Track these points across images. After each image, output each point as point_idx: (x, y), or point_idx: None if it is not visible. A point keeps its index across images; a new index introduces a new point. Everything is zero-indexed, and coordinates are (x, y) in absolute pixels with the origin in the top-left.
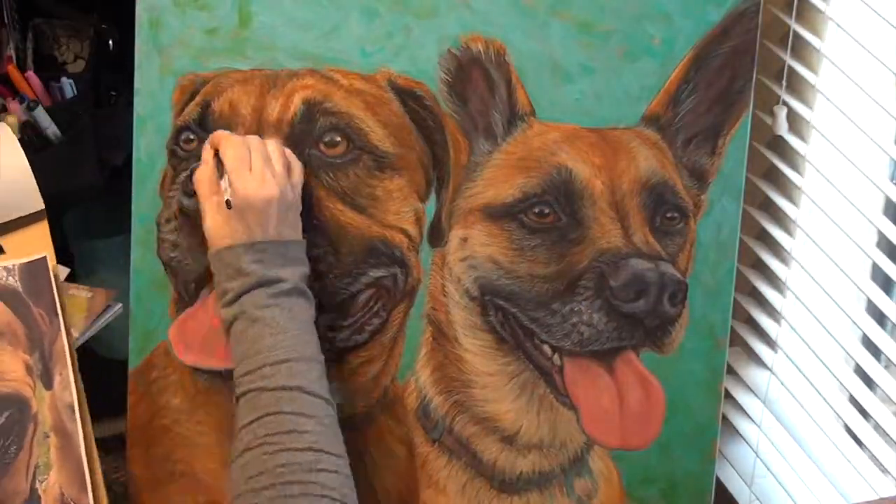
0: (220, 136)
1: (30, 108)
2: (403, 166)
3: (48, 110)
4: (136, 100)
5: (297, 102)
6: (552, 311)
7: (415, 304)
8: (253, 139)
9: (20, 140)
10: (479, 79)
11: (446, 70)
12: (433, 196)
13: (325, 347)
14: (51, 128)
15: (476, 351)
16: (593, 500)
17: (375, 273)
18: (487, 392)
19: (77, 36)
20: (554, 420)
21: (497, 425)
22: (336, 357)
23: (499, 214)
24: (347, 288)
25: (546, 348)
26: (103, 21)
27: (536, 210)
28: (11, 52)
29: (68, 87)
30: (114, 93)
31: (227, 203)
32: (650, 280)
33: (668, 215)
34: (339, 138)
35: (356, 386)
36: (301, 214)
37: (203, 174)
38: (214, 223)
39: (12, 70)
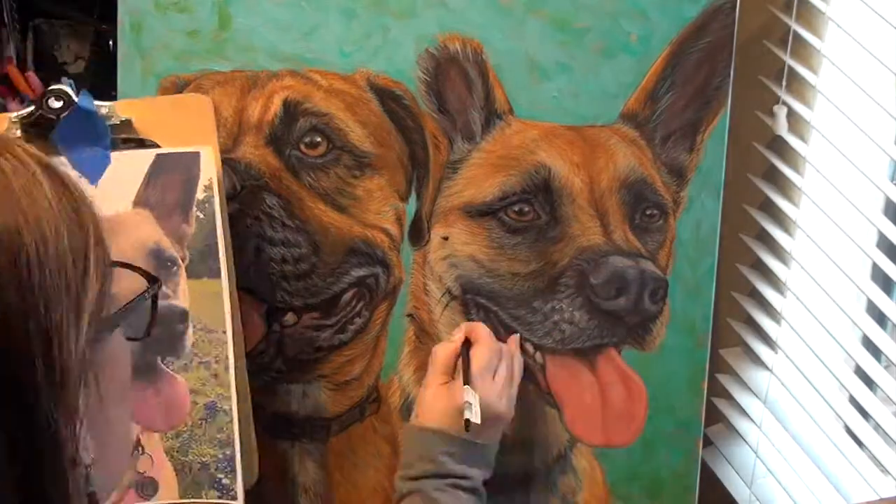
0: (480, 332)
1: None
2: (383, 166)
3: None
4: None
5: (277, 103)
6: (533, 310)
7: (397, 304)
8: (507, 350)
9: None
10: (457, 78)
11: (424, 69)
12: (413, 195)
13: (309, 347)
14: None
15: None
16: (577, 498)
17: (357, 273)
18: None
19: (77, 36)
20: (537, 418)
21: None
22: (319, 357)
23: (479, 213)
24: (330, 288)
25: (528, 346)
26: (103, 21)
27: (516, 208)
28: (11, 52)
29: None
30: (114, 93)
31: (466, 424)
32: (631, 277)
33: (648, 212)
34: (319, 139)
35: (340, 385)
36: None
37: (445, 351)
38: (430, 402)
39: (12, 70)
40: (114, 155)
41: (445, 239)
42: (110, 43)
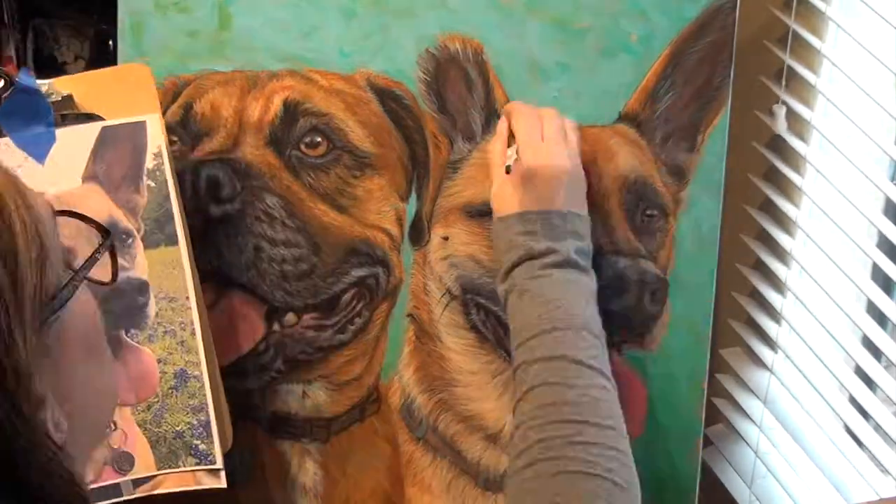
0: (513, 106)
1: None
2: (383, 166)
3: None
4: None
5: (277, 103)
6: None
7: (397, 304)
8: (548, 111)
9: None
10: (457, 78)
11: (424, 69)
12: (413, 195)
13: (309, 348)
14: None
15: (458, 349)
16: None
17: (358, 273)
18: (470, 390)
19: (77, 36)
20: None
21: (480, 423)
22: (320, 357)
23: (479, 213)
24: (330, 288)
25: None
26: (103, 21)
27: None
28: (11, 52)
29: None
30: None
31: (507, 168)
32: (631, 278)
33: (648, 212)
34: (319, 139)
35: (340, 385)
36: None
37: (495, 145)
38: (498, 193)
39: (12, 70)
40: (58, 132)
41: (445, 239)
42: (110, 43)
